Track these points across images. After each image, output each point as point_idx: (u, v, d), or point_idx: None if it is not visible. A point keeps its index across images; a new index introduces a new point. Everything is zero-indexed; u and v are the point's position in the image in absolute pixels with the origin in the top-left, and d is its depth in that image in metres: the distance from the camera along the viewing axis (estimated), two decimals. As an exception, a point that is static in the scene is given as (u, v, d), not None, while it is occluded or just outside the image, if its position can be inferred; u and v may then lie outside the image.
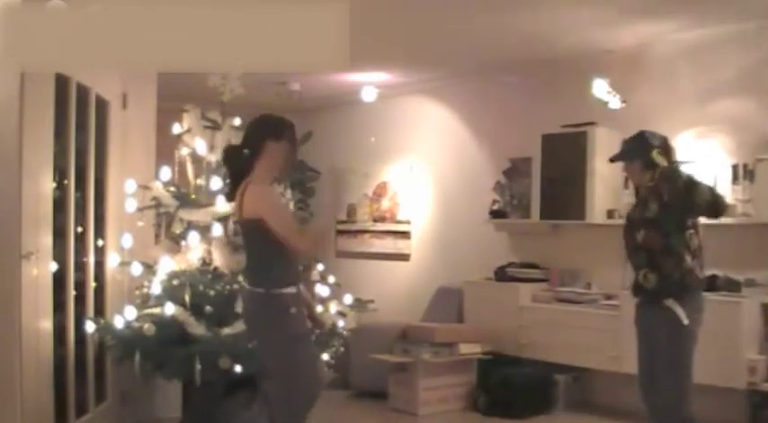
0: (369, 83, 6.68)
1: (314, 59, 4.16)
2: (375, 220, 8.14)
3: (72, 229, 4.57)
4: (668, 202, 3.78)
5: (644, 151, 3.91)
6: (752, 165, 5.14)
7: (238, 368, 4.37)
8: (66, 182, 4.55)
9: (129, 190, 4.93)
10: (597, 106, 5.64)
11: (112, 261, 4.94)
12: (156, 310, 4.59)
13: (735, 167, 5.23)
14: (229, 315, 4.48)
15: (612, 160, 4.20)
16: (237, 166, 3.69)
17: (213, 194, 4.85)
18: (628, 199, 5.74)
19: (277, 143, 3.64)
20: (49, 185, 4.33)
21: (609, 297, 5.76)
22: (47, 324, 4.26)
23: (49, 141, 4.30)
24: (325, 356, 4.86)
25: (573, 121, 6.00)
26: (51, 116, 4.28)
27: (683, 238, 3.81)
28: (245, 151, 3.66)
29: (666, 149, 3.94)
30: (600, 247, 6.01)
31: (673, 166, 3.87)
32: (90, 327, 4.63)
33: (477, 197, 6.95)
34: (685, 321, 3.72)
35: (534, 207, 6.33)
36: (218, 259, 4.76)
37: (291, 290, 3.54)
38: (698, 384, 3.87)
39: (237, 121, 5.05)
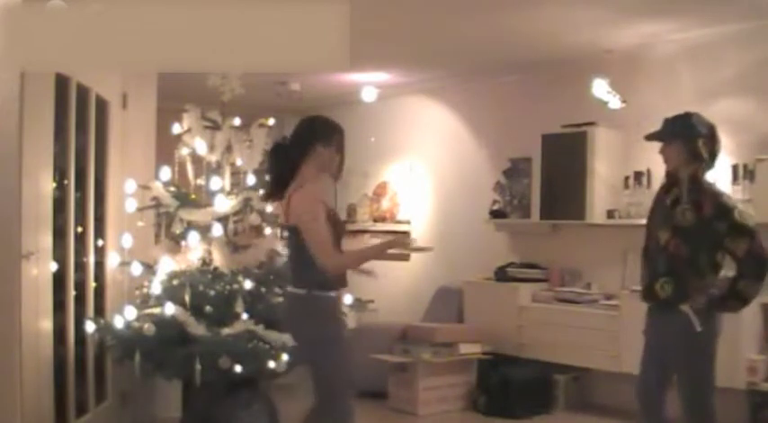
0: (369, 83, 6.70)
1: (314, 60, 4.17)
2: (375, 220, 8.14)
3: (72, 229, 4.56)
4: (707, 217, 3.50)
5: (689, 135, 3.57)
6: (752, 165, 5.13)
7: (238, 368, 4.37)
8: (66, 182, 4.54)
9: (129, 190, 4.92)
10: (597, 106, 5.67)
11: (112, 261, 4.93)
12: (156, 310, 4.58)
13: (735, 167, 5.22)
14: (229, 315, 4.47)
15: (649, 138, 3.76)
16: (284, 166, 3.65)
17: (213, 194, 4.85)
18: (628, 199, 5.77)
19: (326, 148, 3.62)
20: (49, 185, 4.32)
21: (609, 297, 5.76)
22: (47, 324, 4.25)
23: (48, 141, 4.28)
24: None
25: (573, 121, 6.00)
26: (51, 116, 4.26)
27: (714, 255, 3.54)
28: (294, 154, 3.61)
29: (714, 141, 3.61)
30: (600, 247, 6.01)
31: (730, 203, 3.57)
32: (90, 327, 4.62)
33: (477, 197, 6.94)
34: (698, 329, 3.45)
35: (534, 207, 6.33)
36: (218, 259, 4.75)
37: (332, 293, 3.60)
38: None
39: (237, 121, 5.04)
